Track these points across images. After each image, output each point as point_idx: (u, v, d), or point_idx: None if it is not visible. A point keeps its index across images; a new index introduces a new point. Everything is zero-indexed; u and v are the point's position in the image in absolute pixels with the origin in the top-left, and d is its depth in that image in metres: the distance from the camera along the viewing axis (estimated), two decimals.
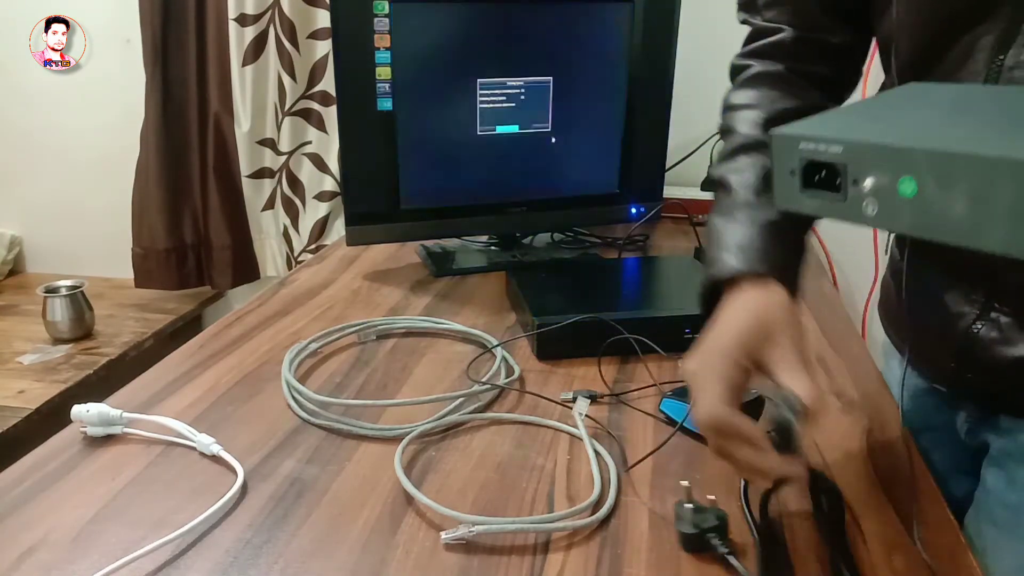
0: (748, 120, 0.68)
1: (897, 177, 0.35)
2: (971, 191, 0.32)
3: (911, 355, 0.75)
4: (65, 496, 0.60)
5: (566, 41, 1.14)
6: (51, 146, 1.99)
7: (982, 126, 0.36)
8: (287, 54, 1.74)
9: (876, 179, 0.36)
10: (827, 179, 0.38)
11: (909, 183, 0.34)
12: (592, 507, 0.58)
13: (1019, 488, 0.64)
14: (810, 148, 0.38)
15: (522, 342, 0.89)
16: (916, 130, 0.36)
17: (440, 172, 1.14)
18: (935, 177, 0.33)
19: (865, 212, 0.37)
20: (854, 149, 0.36)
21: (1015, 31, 0.55)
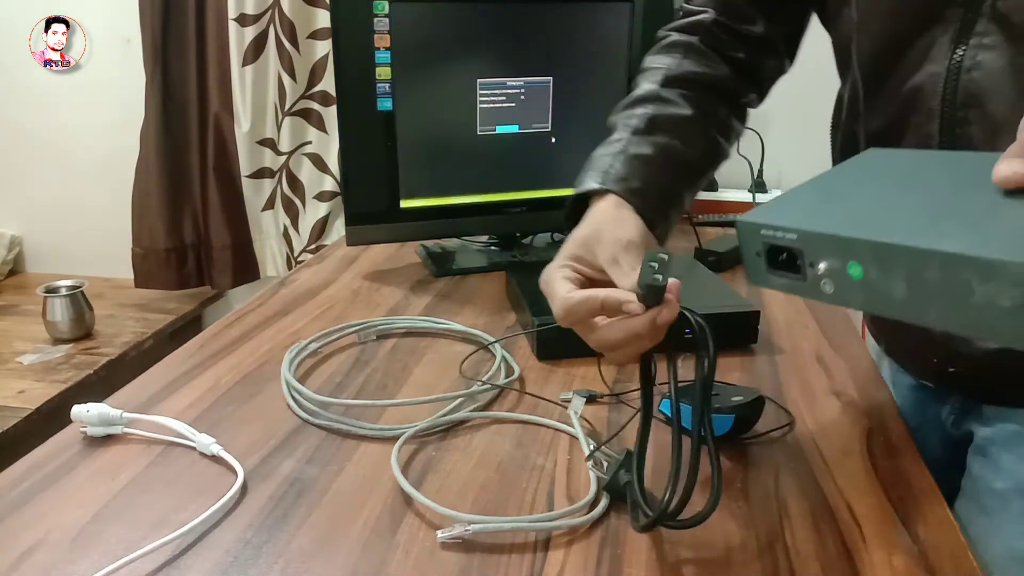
0: (652, 78, 0.71)
1: (845, 262, 0.38)
2: (907, 276, 0.35)
3: (898, 354, 0.77)
4: (65, 496, 0.60)
5: (566, 41, 1.14)
6: (51, 146, 1.99)
7: (922, 211, 0.39)
8: (287, 54, 1.74)
9: (828, 264, 0.39)
10: (788, 261, 0.41)
11: (856, 267, 0.37)
12: (588, 506, 0.58)
13: (1005, 474, 0.65)
14: (769, 235, 0.42)
15: (522, 342, 0.89)
16: (862, 217, 0.39)
17: (440, 172, 1.14)
18: (876, 263, 0.36)
19: (824, 291, 0.40)
20: (806, 237, 0.40)
21: (968, 31, 0.56)
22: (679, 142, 0.66)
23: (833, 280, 0.39)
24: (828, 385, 0.79)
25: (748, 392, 0.68)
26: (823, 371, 0.82)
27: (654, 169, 0.64)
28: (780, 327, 0.94)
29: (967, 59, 0.57)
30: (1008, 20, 0.54)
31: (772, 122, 1.59)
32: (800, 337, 0.91)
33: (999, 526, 0.64)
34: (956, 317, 0.34)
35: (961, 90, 0.57)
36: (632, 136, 0.66)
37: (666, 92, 0.69)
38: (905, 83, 0.61)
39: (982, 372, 0.66)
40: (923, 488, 0.62)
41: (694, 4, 0.75)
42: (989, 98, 0.56)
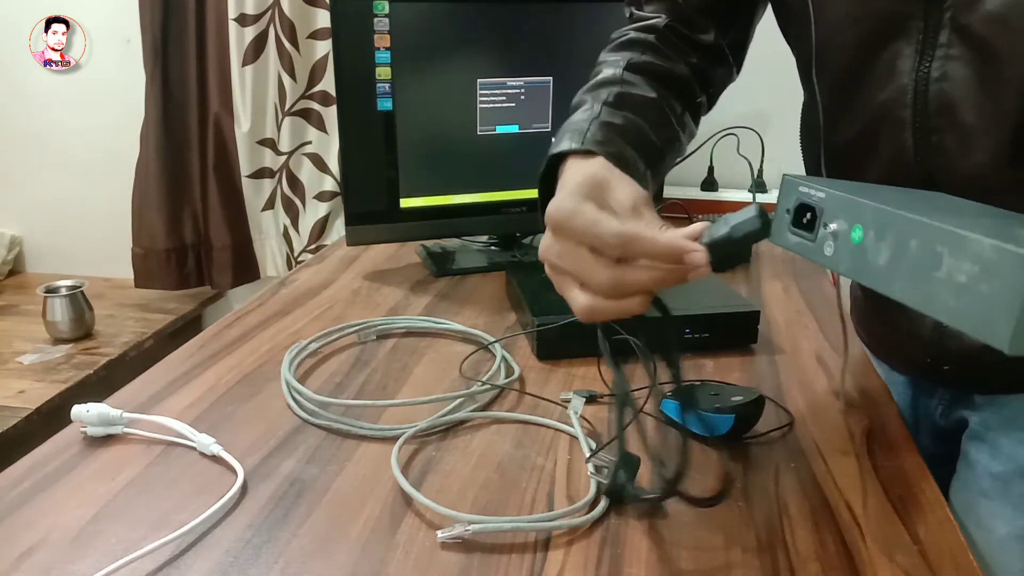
0: (614, 66, 0.71)
1: (851, 225, 0.43)
2: (894, 244, 0.40)
3: (887, 354, 0.78)
4: (65, 496, 0.60)
5: (566, 41, 1.14)
6: (51, 146, 1.99)
7: (932, 207, 0.44)
8: (287, 54, 1.74)
9: (838, 225, 0.44)
10: (809, 223, 0.46)
11: (858, 231, 0.42)
12: (588, 506, 0.58)
13: (1003, 458, 0.66)
14: (804, 191, 0.46)
15: (522, 342, 0.89)
16: (881, 198, 0.43)
17: (440, 172, 1.14)
18: (874, 228, 0.41)
19: (824, 252, 0.45)
20: (831, 198, 0.44)
21: (932, 43, 0.57)
22: (645, 123, 0.65)
23: (835, 243, 0.44)
24: (828, 385, 0.79)
25: (748, 392, 0.69)
26: (823, 371, 0.82)
27: (627, 140, 0.62)
28: (780, 327, 0.94)
29: (934, 70, 0.58)
30: (970, 31, 0.55)
31: (772, 122, 1.59)
32: (800, 337, 0.91)
33: (1001, 508, 0.65)
34: (917, 289, 0.39)
35: (932, 100, 0.58)
36: (604, 107, 0.64)
37: (630, 76, 0.69)
38: (872, 96, 0.62)
39: (977, 367, 0.67)
40: (923, 488, 0.62)
41: (646, 10, 0.76)
42: (959, 107, 0.57)
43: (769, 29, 0.79)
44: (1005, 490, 0.66)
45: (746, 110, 1.46)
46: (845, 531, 0.56)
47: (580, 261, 0.48)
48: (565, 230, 0.49)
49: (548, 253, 0.51)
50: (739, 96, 0.96)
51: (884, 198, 0.44)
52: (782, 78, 0.78)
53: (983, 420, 0.70)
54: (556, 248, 0.50)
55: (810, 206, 0.46)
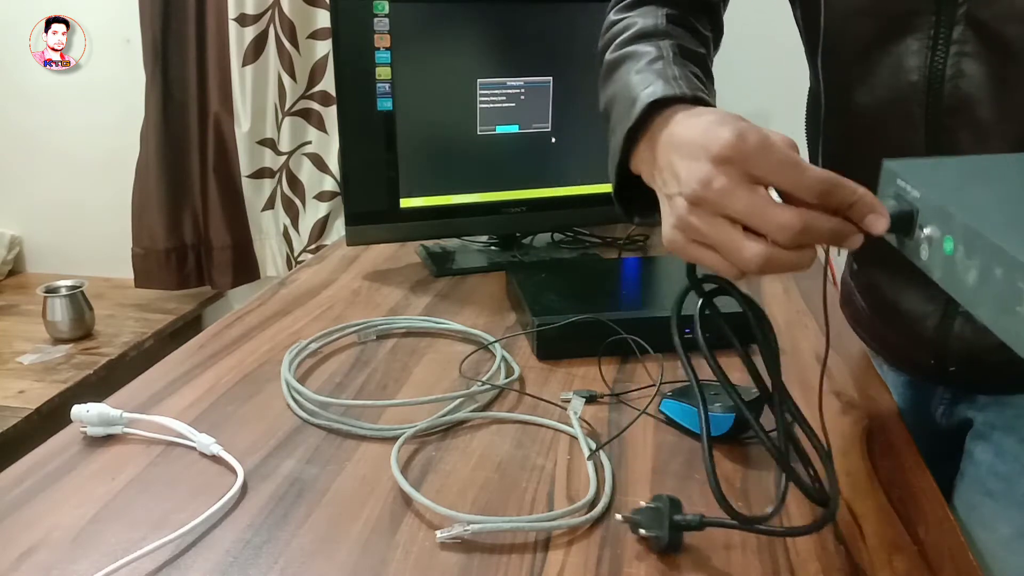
0: (651, 16, 0.64)
1: (943, 235, 0.40)
2: (981, 267, 0.38)
3: (891, 356, 0.78)
4: (65, 496, 0.60)
5: (566, 41, 1.14)
6: (51, 146, 1.99)
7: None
8: (287, 54, 1.74)
9: (931, 230, 0.41)
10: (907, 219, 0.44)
11: (950, 242, 0.40)
12: (587, 506, 0.58)
13: (1008, 458, 0.66)
14: (901, 184, 0.44)
15: (522, 342, 0.89)
16: (976, 202, 0.41)
17: (440, 172, 1.14)
18: (964, 244, 0.39)
19: (920, 254, 0.43)
20: (927, 201, 0.42)
21: (947, 39, 0.56)
22: (705, 79, 0.59)
23: (930, 248, 0.42)
24: (828, 385, 0.79)
25: (748, 392, 0.68)
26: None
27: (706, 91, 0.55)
28: (780, 327, 0.94)
29: (949, 67, 0.56)
30: (987, 27, 0.54)
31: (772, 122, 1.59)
32: (800, 337, 0.91)
33: (1007, 508, 0.65)
34: (1001, 319, 0.37)
35: (947, 97, 0.57)
36: (675, 57, 0.57)
37: (674, 30, 0.62)
38: (879, 91, 0.61)
39: (983, 367, 0.66)
40: (923, 488, 0.62)
41: None
42: (975, 104, 0.56)
43: (774, 22, 0.79)
44: (1009, 490, 0.66)
45: (749, 107, 1.46)
46: (845, 531, 0.56)
47: (759, 201, 0.42)
48: (749, 164, 0.42)
49: (709, 190, 0.43)
50: (742, 90, 0.96)
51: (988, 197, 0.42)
52: (786, 76, 0.78)
53: (987, 420, 0.70)
54: (724, 184, 0.42)
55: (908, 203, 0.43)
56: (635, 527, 0.55)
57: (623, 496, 0.60)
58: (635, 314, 0.85)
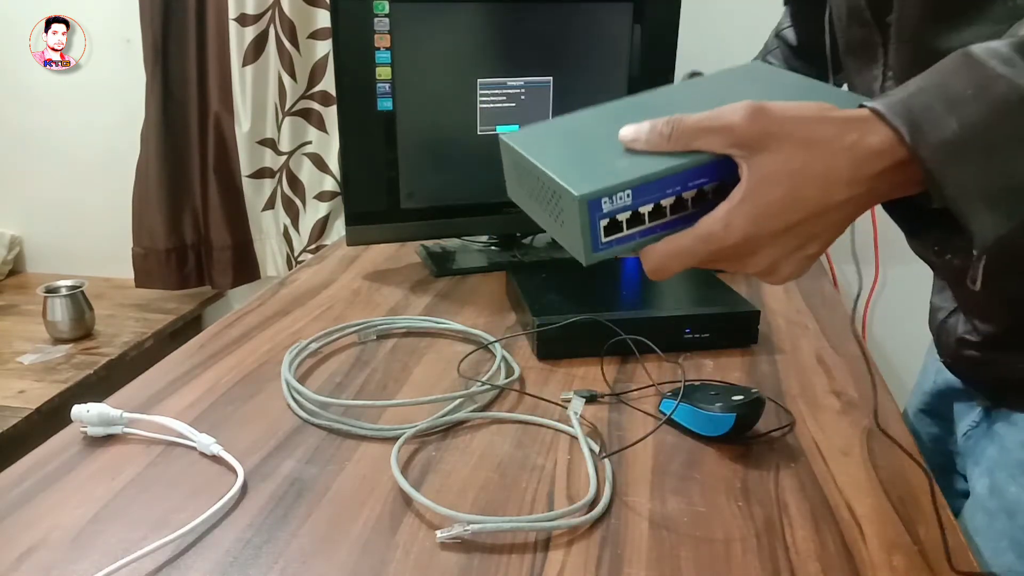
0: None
1: (511, 162, 0.54)
2: (531, 184, 0.51)
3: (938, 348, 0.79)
4: (65, 496, 0.60)
5: (566, 41, 1.13)
6: (51, 146, 1.99)
7: (584, 145, 0.51)
8: (287, 54, 1.74)
9: (505, 160, 0.55)
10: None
11: (511, 173, 0.55)
12: (587, 506, 0.58)
13: (997, 494, 0.65)
14: (506, 141, 0.55)
15: (522, 342, 0.89)
16: (547, 145, 0.52)
17: (440, 172, 1.14)
18: (521, 173, 0.52)
19: (508, 182, 0.57)
20: (504, 138, 0.54)
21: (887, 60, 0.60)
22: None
23: (510, 179, 0.55)
24: (828, 385, 0.79)
25: (748, 392, 0.68)
26: (823, 371, 0.82)
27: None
28: (780, 327, 0.94)
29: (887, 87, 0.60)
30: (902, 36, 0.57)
31: None
32: (800, 337, 0.91)
33: (985, 542, 0.65)
34: (547, 220, 0.49)
35: None
36: None
37: None
38: None
39: (963, 363, 0.70)
40: (923, 488, 0.62)
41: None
42: None
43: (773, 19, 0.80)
44: (991, 524, 0.66)
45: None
46: (845, 531, 0.56)
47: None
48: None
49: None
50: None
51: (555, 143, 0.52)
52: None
53: (993, 455, 0.69)
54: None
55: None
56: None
57: (626, 496, 0.60)
58: (635, 314, 0.85)
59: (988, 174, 0.40)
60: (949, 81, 0.42)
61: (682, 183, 0.45)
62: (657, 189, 0.45)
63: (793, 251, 0.45)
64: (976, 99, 0.40)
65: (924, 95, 0.42)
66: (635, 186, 0.44)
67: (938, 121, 0.41)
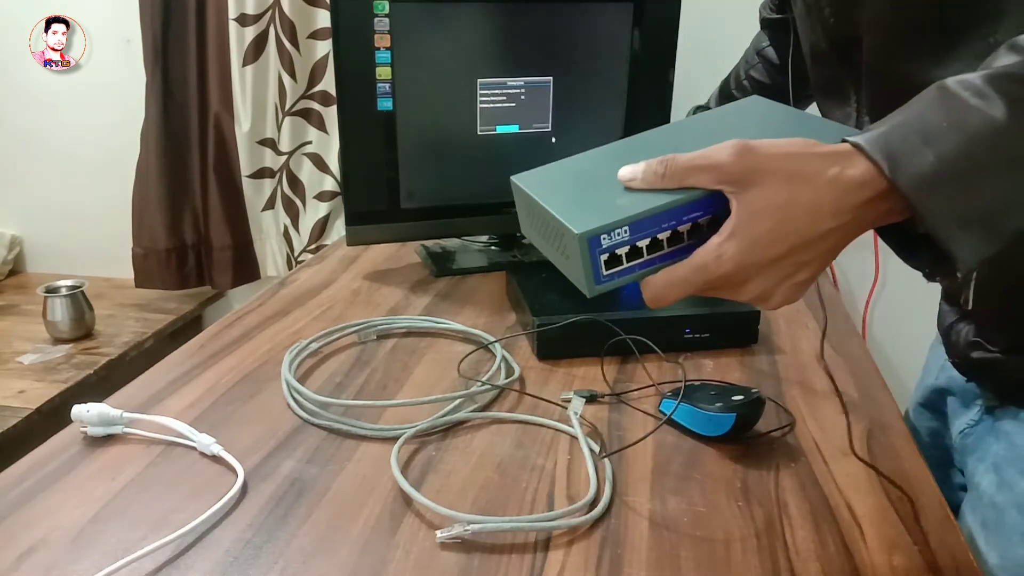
0: None
1: (522, 206, 0.58)
2: (542, 223, 0.53)
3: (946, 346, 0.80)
4: (65, 496, 0.60)
5: (566, 41, 1.13)
6: (51, 146, 1.99)
7: (583, 184, 0.54)
8: (287, 54, 1.74)
9: (518, 203, 0.59)
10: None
11: (522, 212, 0.58)
12: (588, 506, 0.58)
13: (1006, 489, 0.66)
14: (516, 184, 0.59)
15: (522, 342, 0.89)
16: (553, 185, 0.55)
17: (440, 172, 1.14)
18: (527, 210, 0.56)
19: (522, 226, 0.60)
20: (517, 179, 0.58)
21: (860, 97, 0.62)
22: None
23: (522, 217, 0.58)
24: (828, 385, 0.79)
25: (748, 392, 0.69)
26: (823, 371, 0.82)
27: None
28: (780, 327, 0.94)
29: (864, 123, 0.62)
30: (872, 76, 0.59)
31: None
32: (800, 337, 0.91)
33: (996, 538, 0.65)
34: (555, 255, 0.52)
35: None
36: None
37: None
38: None
39: (968, 362, 0.71)
40: (923, 488, 0.62)
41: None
42: None
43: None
44: (1001, 520, 0.66)
45: None
46: (845, 531, 0.56)
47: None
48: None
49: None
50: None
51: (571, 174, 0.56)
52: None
53: (998, 451, 0.70)
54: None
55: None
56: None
57: (626, 496, 0.60)
58: (635, 314, 0.85)
59: (966, 201, 0.42)
60: (925, 114, 0.44)
61: (677, 218, 0.48)
62: (653, 224, 0.47)
63: (784, 279, 0.46)
64: (951, 131, 0.42)
65: (902, 128, 0.44)
66: (632, 222, 0.47)
67: (915, 153, 0.42)
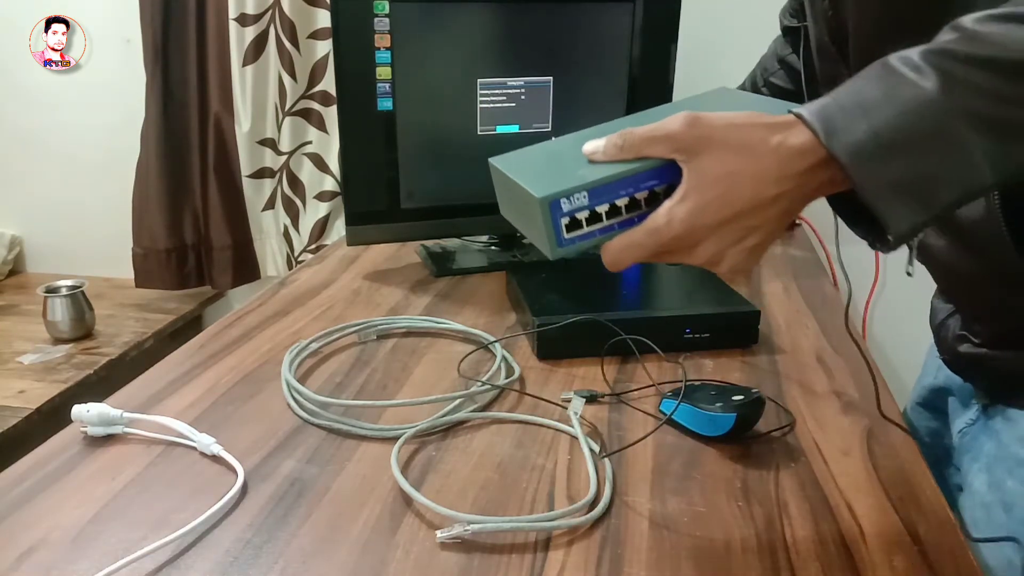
0: None
1: (497, 179, 0.59)
2: (511, 191, 0.56)
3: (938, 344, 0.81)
4: (65, 496, 0.60)
5: (566, 41, 1.13)
6: (51, 146, 1.99)
7: (551, 157, 0.58)
8: (287, 54, 1.74)
9: (495, 176, 0.60)
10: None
11: (498, 186, 0.60)
12: (588, 506, 0.58)
13: (995, 488, 0.66)
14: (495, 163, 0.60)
15: (522, 342, 0.89)
16: (524, 161, 0.58)
17: (440, 172, 1.14)
18: (499, 183, 0.58)
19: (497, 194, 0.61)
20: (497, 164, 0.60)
21: None
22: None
23: (500, 197, 0.59)
24: (828, 385, 0.79)
25: (748, 392, 0.69)
26: (823, 371, 0.82)
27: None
28: (780, 327, 0.94)
29: None
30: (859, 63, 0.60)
31: None
32: (800, 337, 0.91)
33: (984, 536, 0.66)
34: (526, 226, 0.54)
35: None
36: None
37: None
38: None
39: (959, 360, 0.72)
40: (923, 487, 0.62)
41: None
42: None
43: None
44: (988, 517, 0.66)
45: None
46: (845, 531, 0.56)
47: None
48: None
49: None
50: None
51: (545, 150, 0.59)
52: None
53: (990, 450, 0.70)
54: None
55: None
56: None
57: (626, 496, 0.60)
58: (635, 314, 0.85)
59: (897, 171, 0.44)
60: (865, 87, 0.46)
61: (634, 185, 0.51)
62: (611, 191, 0.50)
63: (733, 243, 0.49)
64: (886, 103, 0.44)
65: (842, 99, 0.46)
66: (590, 188, 0.50)
67: (850, 123, 0.45)
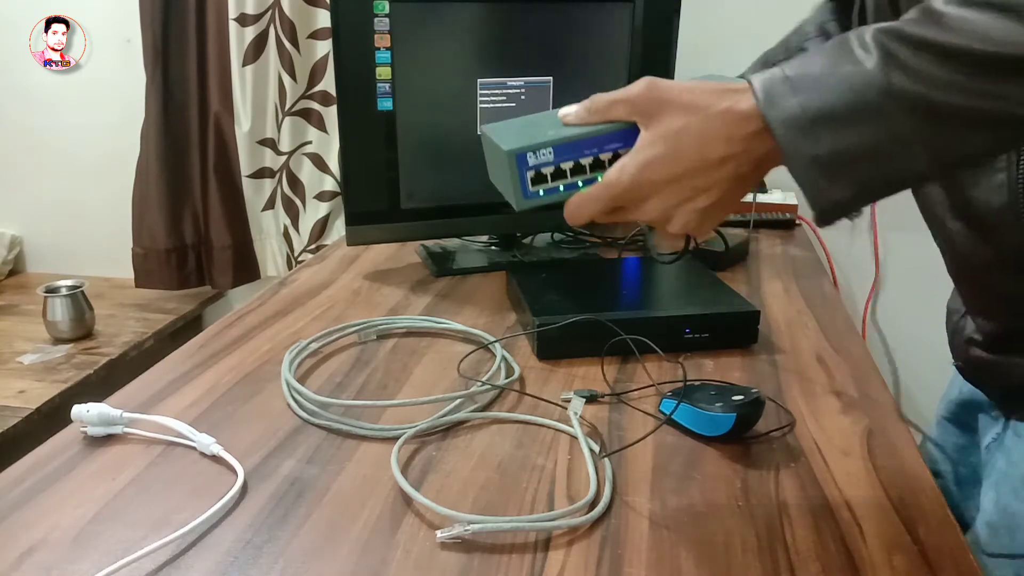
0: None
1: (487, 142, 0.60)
2: (489, 149, 0.59)
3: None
4: (65, 496, 0.60)
5: (566, 41, 1.13)
6: (51, 146, 1.99)
7: (530, 122, 0.59)
8: (287, 54, 1.74)
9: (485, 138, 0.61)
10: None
11: (485, 143, 0.61)
12: (588, 506, 0.58)
13: (1000, 510, 0.65)
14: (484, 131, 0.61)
15: (522, 342, 0.89)
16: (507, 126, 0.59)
17: (440, 172, 1.14)
18: (486, 142, 0.60)
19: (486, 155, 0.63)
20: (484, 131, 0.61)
21: None
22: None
23: (488, 163, 0.61)
24: (828, 385, 0.79)
25: (748, 392, 0.69)
26: (823, 371, 0.82)
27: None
28: (780, 327, 0.94)
29: None
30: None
31: None
32: (800, 337, 0.91)
33: (986, 559, 0.65)
34: (502, 182, 0.57)
35: None
36: None
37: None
38: None
39: (969, 364, 0.71)
40: (923, 488, 0.62)
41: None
42: None
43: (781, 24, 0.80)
44: (994, 537, 0.66)
45: None
46: (845, 531, 0.56)
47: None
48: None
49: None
50: None
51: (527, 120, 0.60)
52: None
53: (1003, 469, 0.69)
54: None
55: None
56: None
57: (626, 496, 0.60)
58: (635, 314, 0.85)
59: (824, 145, 0.44)
60: (815, 60, 0.46)
61: (598, 146, 0.54)
62: (575, 149, 0.54)
63: (683, 202, 0.50)
64: (826, 77, 0.45)
65: (789, 70, 0.46)
66: (555, 145, 0.54)
67: (787, 94, 0.45)
